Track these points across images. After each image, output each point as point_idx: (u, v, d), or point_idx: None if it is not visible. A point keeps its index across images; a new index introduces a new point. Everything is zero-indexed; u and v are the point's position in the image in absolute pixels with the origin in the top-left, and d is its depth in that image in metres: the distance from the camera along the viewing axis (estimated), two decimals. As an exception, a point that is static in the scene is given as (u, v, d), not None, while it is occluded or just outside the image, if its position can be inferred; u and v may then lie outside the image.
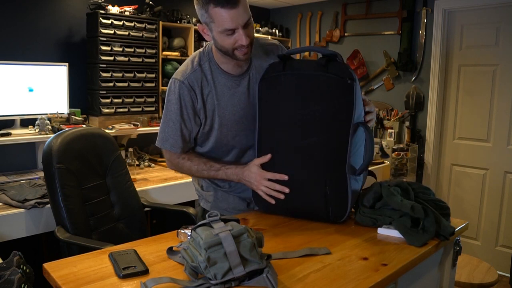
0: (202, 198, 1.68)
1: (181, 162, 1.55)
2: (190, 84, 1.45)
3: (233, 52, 1.39)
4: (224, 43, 1.37)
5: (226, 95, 1.49)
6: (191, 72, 1.46)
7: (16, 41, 2.73)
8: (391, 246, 1.24)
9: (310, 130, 1.36)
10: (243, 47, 1.37)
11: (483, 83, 3.36)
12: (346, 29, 4.07)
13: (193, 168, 1.53)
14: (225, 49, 1.39)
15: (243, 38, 1.35)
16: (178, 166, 1.57)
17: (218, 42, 1.39)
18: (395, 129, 3.68)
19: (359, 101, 1.35)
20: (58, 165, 1.83)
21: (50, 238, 1.95)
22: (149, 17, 3.06)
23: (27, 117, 2.65)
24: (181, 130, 1.49)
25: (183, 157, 1.54)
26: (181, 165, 1.56)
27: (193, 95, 1.46)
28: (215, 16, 1.32)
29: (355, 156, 1.37)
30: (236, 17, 1.31)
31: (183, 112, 1.48)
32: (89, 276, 1.02)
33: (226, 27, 1.32)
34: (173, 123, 1.49)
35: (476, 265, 2.45)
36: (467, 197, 3.53)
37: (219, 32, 1.35)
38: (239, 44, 1.36)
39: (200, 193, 1.69)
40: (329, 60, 1.36)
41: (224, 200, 1.62)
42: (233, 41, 1.36)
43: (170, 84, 1.50)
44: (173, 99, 1.48)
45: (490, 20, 3.28)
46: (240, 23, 1.33)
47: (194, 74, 1.46)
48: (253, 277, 0.98)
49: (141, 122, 3.04)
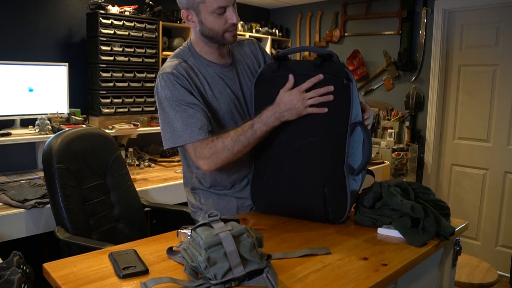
0: (200, 211, 1.57)
1: (214, 146, 1.34)
2: (179, 72, 1.39)
3: (223, 35, 1.40)
4: (215, 25, 1.38)
5: (220, 84, 1.47)
6: (177, 64, 1.41)
7: (16, 41, 2.73)
8: (391, 246, 1.24)
9: (307, 131, 1.36)
10: (233, 27, 1.40)
11: (483, 83, 3.36)
12: (346, 29, 4.07)
13: (228, 142, 1.33)
14: (215, 32, 1.39)
15: (233, 16, 1.37)
16: (214, 154, 1.34)
17: (207, 25, 1.39)
18: (395, 129, 3.68)
19: (356, 101, 1.35)
20: (58, 165, 1.83)
21: (50, 238, 1.95)
22: (149, 17, 3.06)
23: (27, 117, 2.65)
24: (201, 109, 1.36)
25: (211, 139, 1.34)
26: (216, 149, 1.33)
27: (186, 82, 1.39)
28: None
29: (353, 156, 1.37)
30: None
31: (189, 93, 1.37)
32: (89, 276, 1.02)
33: (219, 5, 1.34)
34: (185, 109, 1.35)
35: (476, 265, 2.45)
36: (467, 197, 3.53)
37: (210, 12, 1.36)
38: (230, 23, 1.38)
39: (197, 207, 1.58)
40: (324, 60, 1.35)
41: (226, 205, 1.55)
42: (223, 21, 1.38)
43: (158, 82, 1.40)
44: (170, 91, 1.37)
45: (490, 20, 3.28)
46: (231, 1, 1.36)
47: (180, 66, 1.41)
48: (253, 277, 0.98)
49: (141, 122, 3.04)
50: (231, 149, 1.34)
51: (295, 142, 1.38)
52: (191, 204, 1.62)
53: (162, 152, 3.29)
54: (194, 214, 1.62)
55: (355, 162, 1.38)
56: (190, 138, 1.34)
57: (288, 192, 1.41)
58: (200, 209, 1.58)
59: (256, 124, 1.34)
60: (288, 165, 1.40)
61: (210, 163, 1.36)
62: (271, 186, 1.44)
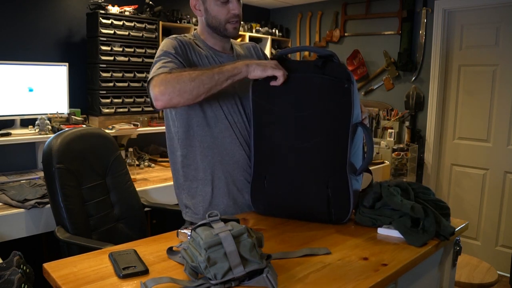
0: (189, 210, 1.57)
1: (177, 74, 1.29)
2: (183, 42, 1.48)
3: (225, 26, 1.47)
4: (218, 14, 1.46)
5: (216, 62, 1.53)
6: (182, 37, 1.50)
7: (16, 41, 2.73)
8: (391, 246, 1.24)
9: (308, 132, 1.36)
10: (235, 18, 1.47)
11: (483, 83, 3.36)
12: (346, 29, 4.07)
13: (185, 73, 1.28)
14: (218, 21, 1.47)
15: (236, 7, 1.46)
16: (168, 83, 1.26)
17: (211, 14, 1.47)
18: (395, 129, 3.68)
19: (357, 102, 1.35)
20: (58, 165, 1.83)
21: (50, 238, 1.95)
22: (149, 17, 3.06)
23: (27, 117, 2.65)
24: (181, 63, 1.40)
25: (174, 70, 1.32)
26: (171, 78, 1.27)
27: (187, 49, 1.47)
28: None
29: (355, 156, 1.38)
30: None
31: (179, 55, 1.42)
32: (89, 276, 1.02)
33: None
34: (169, 55, 1.40)
35: (476, 265, 2.45)
36: (467, 197, 3.53)
37: (214, 1, 1.45)
38: (232, 13, 1.46)
39: (187, 205, 1.58)
40: (325, 60, 1.35)
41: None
42: (226, 11, 1.46)
43: (163, 42, 1.48)
44: (166, 47, 1.43)
45: (490, 20, 3.28)
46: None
47: (185, 39, 1.50)
48: (253, 277, 0.98)
49: (141, 122, 3.04)
50: (187, 82, 1.26)
51: (297, 145, 1.37)
52: (180, 203, 1.64)
53: (162, 152, 3.29)
54: (184, 214, 1.62)
55: (356, 162, 1.38)
56: (161, 71, 1.31)
57: (290, 194, 1.40)
58: (186, 207, 1.58)
59: (224, 66, 1.33)
60: (290, 167, 1.39)
61: (162, 90, 1.26)
62: (272, 189, 1.44)
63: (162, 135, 3.36)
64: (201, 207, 1.53)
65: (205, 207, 1.53)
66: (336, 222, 1.40)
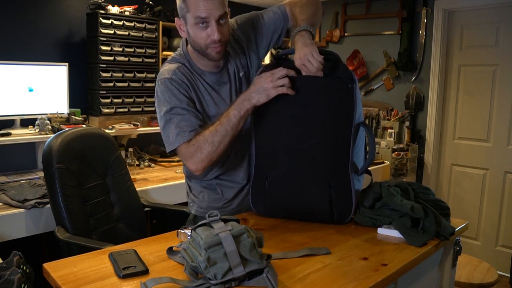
0: (193, 203, 1.62)
1: (196, 142, 1.34)
2: (178, 78, 1.40)
3: (206, 51, 1.37)
4: (197, 38, 1.36)
5: (212, 93, 1.47)
6: (175, 68, 1.42)
7: (16, 41, 2.73)
8: (391, 246, 1.24)
9: (310, 133, 1.35)
10: (215, 43, 1.35)
11: (483, 83, 3.36)
12: (346, 29, 4.07)
13: (207, 135, 1.33)
14: (198, 45, 1.37)
15: (215, 32, 1.33)
16: (196, 151, 1.34)
17: (191, 36, 1.38)
18: (395, 129, 3.68)
19: (359, 102, 1.35)
20: (58, 165, 1.83)
21: (50, 238, 1.95)
22: (149, 17, 3.06)
23: (27, 117, 2.65)
24: (194, 113, 1.38)
25: (194, 137, 1.35)
26: (198, 144, 1.34)
27: (185, 88, 1.41)
28: (190, 3, 1.32)
29: (357, 156, 1.38)
30: (210, 6, 1.31)
31: (186, 97, 1.40)
32: (89, 276, 1.02)
33: (198, 15, 1.31)
34: (181, 112, 1.37)
35: (476, 265, 2.44)
36: (467, 197, 3.53)
37: (193, 24, 1.34)
38: (211, 39, 1.34)
39: (192, 199, 1.62)
40: (327, 60, 1.35)
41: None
42: (205, 36, 1.34)
43: (158, 87, 1.42)
44: (168, 96, 1.38)
45: (490, 20, 3.28)
46: (214, 15, 1.32)
47: (179, 70, 1.42)
48: (253, 277, 0.98)
49: (141, 122, 3.04)
50: (211, 141, 1.33)
51: (299, 145, 1.37)
52: (187, 195, 1.65)
53: (162, 152, 3.29)
54: (190, 207, 1.65)
55: (358, 162, 1.38)
56: (181, 139, 1.35)
57: (291, 194, 1.40)
58: (193, 202, 1.61)
59: (230, 111, 1.34)
60: (292, 168, 1.39)
61: (196, 160, 1.35)
62: (273, 190, 1.43)
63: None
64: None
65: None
66: (338, 223, 1.40)
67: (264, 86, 1.30)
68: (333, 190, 1.35)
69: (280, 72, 1.32)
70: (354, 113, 1.32)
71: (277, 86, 1.30)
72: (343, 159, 1.34)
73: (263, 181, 1.45)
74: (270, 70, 1.40)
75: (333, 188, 1.35)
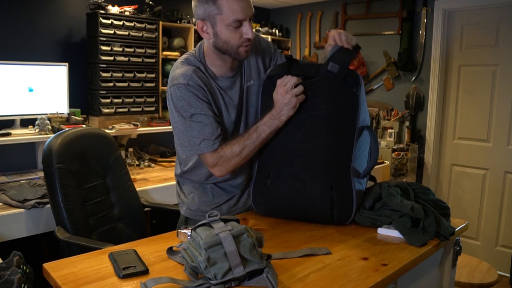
0: (183, 204, 1.62)
1: (224, 154, 1.38)
2: (195, 83, 1.38)
3: (237, 49, 1.37)
4: (230, 38, 1.35)
5: (226, 98, 1.47)
6: (191, 72, 1.39)
7: (16, 41, 2.73)
8: (391, 246, 1.24)
9: (314, 134, 1.36)
10: (248, 42, 1.36)
11: (483, 83, 3.36)
12: (346, 29, 4.06)
13: (236, 149, 1.37)
14: (230, 46, 1.36)
15: (249, 31, 1.35)
16: (224, 162, 1.39)
17: (222, 38, 1.35)
18: (395, 129, 3.68)
19: (364, 105, 1.36)
20: (58, 165, 1.83)
21: (50, 238, 1.95)
22: (149, 17, 3.06)
23: (27, 117, 2.65)
24: (214, 119, 1.38)
25: (221, 147, 1.38)
26: (226, 157, 1.38)
27: (203, 92, 1.38)
28: (225, 6, 1.30)
29: (359, 159, 1.37)
30: (246, 7, 1.33)
31: (205, 103, 1.38)
32: (89, 276, 1.02)
33: (236, 18, 1.31)
34: (202, 119, 1.37)
35: (476, 265, 2.45)
36: (467, 197, 3.53)
37: (227, 25, 1.33)
38: (245, 37, 1.35)
39: (181, 199, 1.63)
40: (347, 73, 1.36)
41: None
42: (239, 35, 1.35)
43: (173, 92, 1.38)
44: (187, 102, 1.36)
45: (490, 20, 3.28)
46: (249, 15, 1.34)
47: (195, 74, 1.39)
48: (253, 277, 0.98)
49: (141, 122, 3.04)
50: (240, 154, 1.38)
51: (302, 146, 1.38)
52: (177, 195, 1.66)
53: (162, 152, 3.29)
54: (180, 208, 1.65)
55: (360, 165, 1.38)
56: (206, 148, 1.38)
57: (293, 194, 1.40)
58: (183, 203, 1.62)
59: (260, 127, 1.37)
60: (294, 169, 1.39)
61: (222, 169, 1.41)
62: (275, 190, 1.44)
63: (162, 135, 3.37)
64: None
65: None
66: (338, 224, 1.40)
67: (285, 101, 1.33)
68: (335, 192, 1.35)
69: (291, 81, 1.34)
70: (357, 117, 1.33)
71: (295, 95, 1.33)
72: (345, 162, 1.34)
73: (265, 180, 1.45)
74: (281, 71, 1.41)
75: (335, 190, 1.35)
